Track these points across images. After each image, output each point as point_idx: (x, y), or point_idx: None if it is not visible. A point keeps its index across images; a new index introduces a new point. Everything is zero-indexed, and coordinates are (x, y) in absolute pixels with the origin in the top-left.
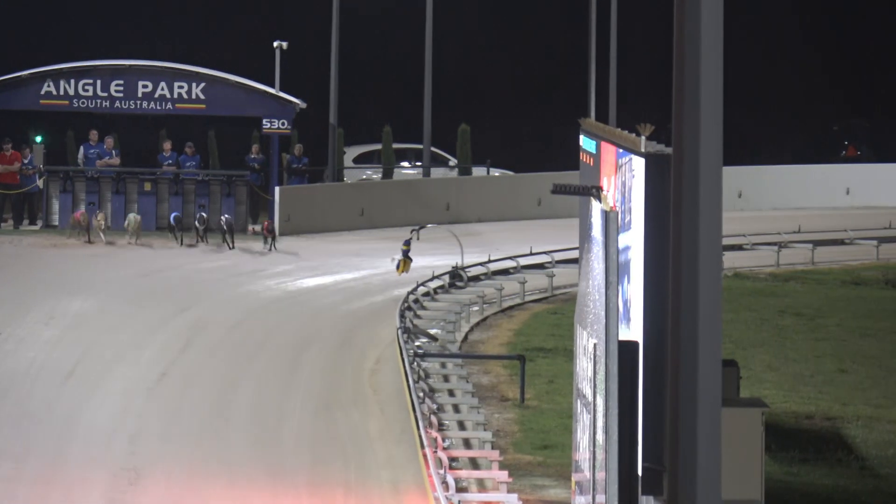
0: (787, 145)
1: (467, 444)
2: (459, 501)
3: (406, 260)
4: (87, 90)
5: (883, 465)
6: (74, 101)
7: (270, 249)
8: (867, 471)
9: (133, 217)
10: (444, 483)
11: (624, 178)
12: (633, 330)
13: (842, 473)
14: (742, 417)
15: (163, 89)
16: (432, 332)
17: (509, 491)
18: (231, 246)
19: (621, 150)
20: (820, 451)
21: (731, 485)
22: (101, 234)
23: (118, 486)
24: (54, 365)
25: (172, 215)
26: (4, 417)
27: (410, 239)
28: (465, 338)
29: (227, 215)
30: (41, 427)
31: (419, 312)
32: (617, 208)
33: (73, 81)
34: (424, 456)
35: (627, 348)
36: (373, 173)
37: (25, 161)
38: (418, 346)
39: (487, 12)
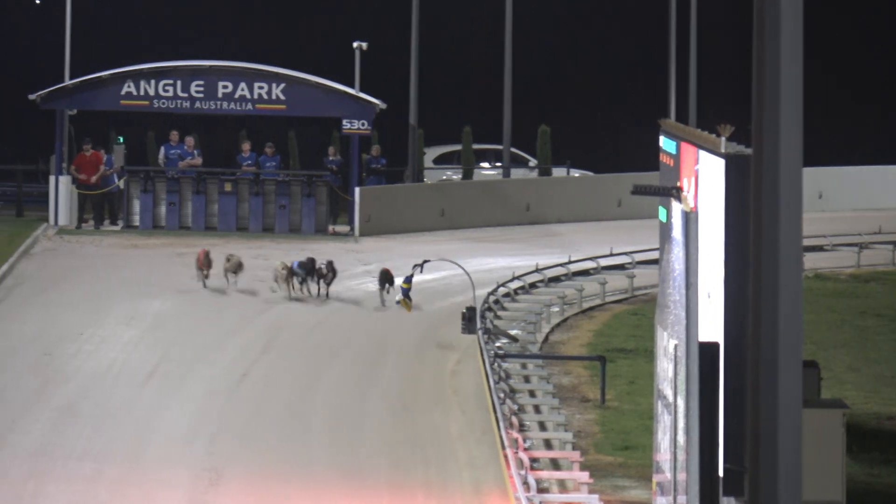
0: (868, 145)
1: (548, 444)
2: (540, 502)
3: (406, 300)
4: (167, 90)
5: None
6: (155, 101)
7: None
8: None
9: (233, 257)
10: (526, 484)
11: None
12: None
13: None
14: (823, 418)
15: (243, 90)
16: (513, 332)
17: (590, 492)
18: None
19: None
20: None
21: (811, 486)
22: (227, 278)
23: (199, 487)
24: (135, 365)
25: (296, 263)
26: (85, 418)
27: (412, 275)
28: (546, 338)
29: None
30: (122, 427)
31: (499, 313)
32: (697, 209)
33: (153, 82)
34: (505, 457)
35: (708, 349)
36: (453, 174)
37: (106, 161)
38: (499, 347)
39: (567, 12)
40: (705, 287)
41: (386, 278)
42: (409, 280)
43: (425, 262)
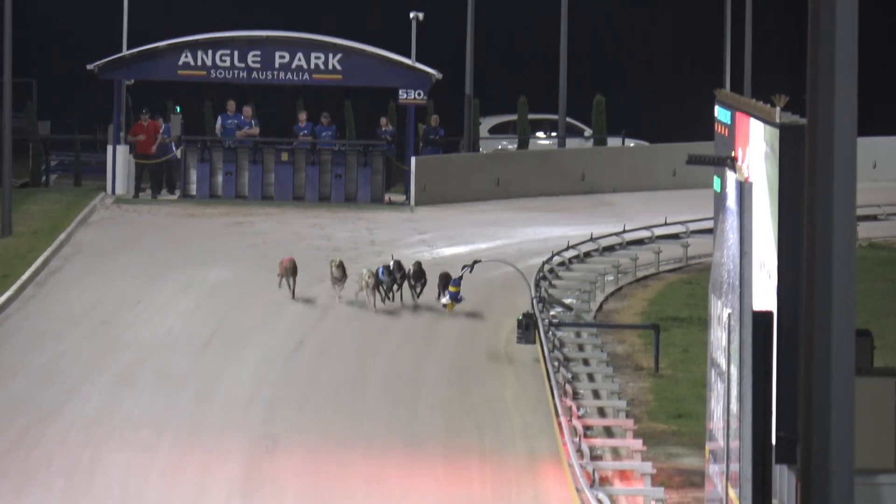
0: None
1: (602, 412)
2: (594, 469)
3: (453, 303)
4: (224, 61)
5: None
6: (212, 71)
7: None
8: None
9: (334, 263)
10: (579, 451)
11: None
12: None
13: None
14: (876, 387)
15: (300, 60)
16: (567, 301)
17: (643, 459)
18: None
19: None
20: None
21: (864, 453)
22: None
23: (255, 454)
24: (192, 333)
25: (381, 269)
26: (143, 385)
27: (461, 277)
28: (600, 307)
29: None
30: (179, 395)
31: (554, 282)
32: (751, 179)
33: (210, 52)
34: (559, 424)
35: (762, 318)
36: (508, 144)
37: (163, 130)
38: (553, 316)
39: None
40: (759, 257)
41: (444, 282)
42: (457, 283)
43: (476, 262)
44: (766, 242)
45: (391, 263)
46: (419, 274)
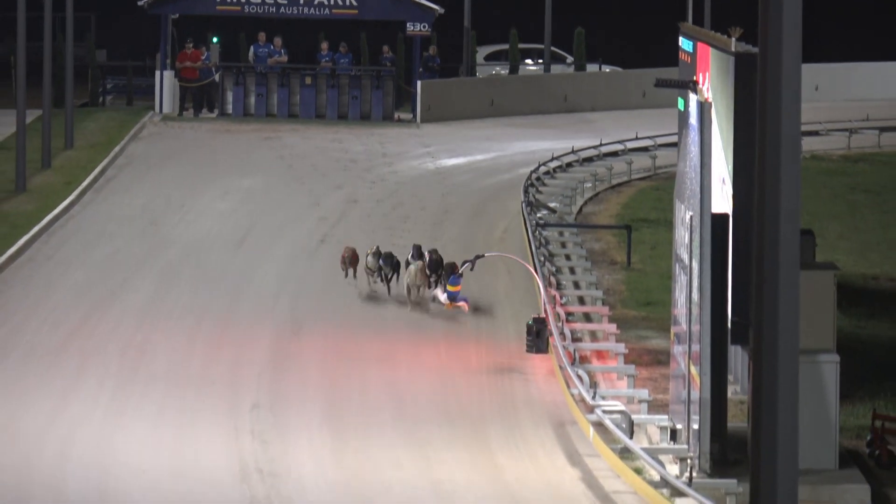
0: (857, 43)
1: (581, 300)
2: (575, 350)
3: (451, 303)
4: None
5: None
6: (245, 7)
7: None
8: None
9: (414, 268)
10: (562, 334)
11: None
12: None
13: None
14: (817, 278)
15: None
16: (552, 205)
17: (617, 341)
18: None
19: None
20: (885, 307)
21: (807, 337)
22: (371, 280)
23: (282, 337)
24: (228, 233)
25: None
26: (186, 279)
27: (461, 275)
28: (580, 210)
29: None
30: (217, 287)
31: (540, 189)
32: (710, 100)
33: None
34: (545, 312)
35: (719, 220)
36: (501, 69)
37: (203, 58)
38: (540, 217)
39: None
40: (716, 167)
41: (448, 272)
42: (457, 281)
43: (479, 257)
44: (722, 154)
45: (413, 251)
46: (436, 264)
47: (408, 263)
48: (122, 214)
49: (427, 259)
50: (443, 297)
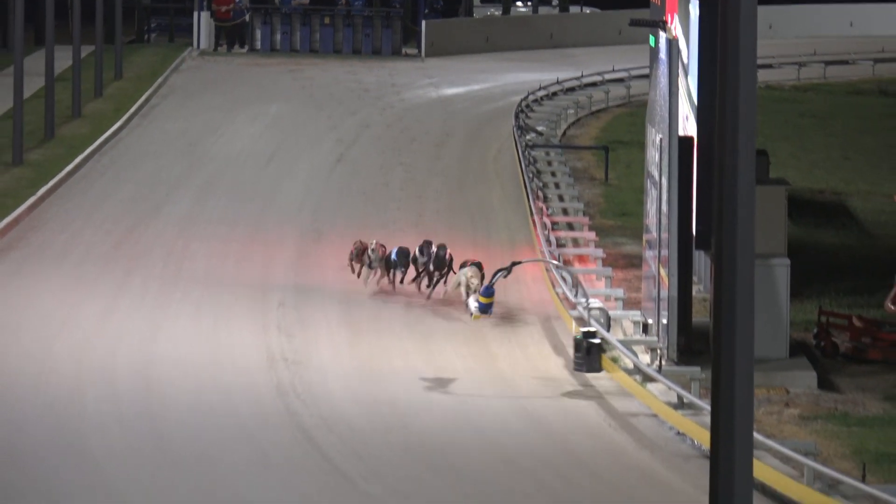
0: None
1: (565, 212)
2: (559, 254)
3: (479, 315)
4: None
5: (875, 228)
6: None
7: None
8: (864, 232)
9: (467, 274)
10: (548, 241)
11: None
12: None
13: (845, 234)
14: (771, 192)
15: None
16: (539, 128)
17: (596, 247)
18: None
19: None
20: (829, 217)
21: (762, 242)
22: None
23: (305, 242)
24: (258, 153)
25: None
26: (222, 192)
27: (492, 285)
28: (564, 133)
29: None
30: (248, 199)
31: (529, 114)
32: (677, 37)
33: None
34: (533, 220)
35: (685, 142)
36: (495, 10)
37: (236, 0)
38: (529, 140)
39: None
40: (682, 110)
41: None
42: (490, 292)
43: (515, 264)
44: (688, 85)
45: (422, 246)
46: (441, 262)
47: (415, 258)
48: (164, 137)
49: (433, 255)
50: (473, 305)
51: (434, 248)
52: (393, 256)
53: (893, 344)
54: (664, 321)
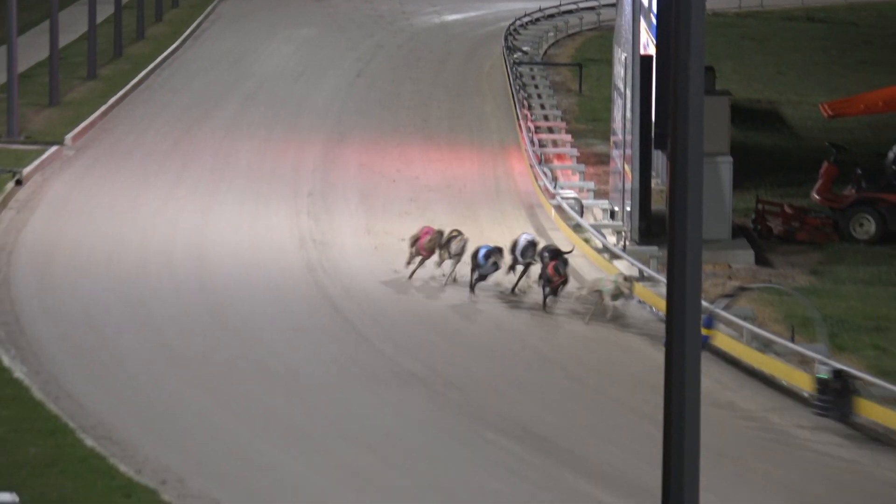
0: None
1: (546, 118)
2: (541, 153)
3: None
4: None
5: (803, 131)
6: None
7: None
8: (794, 134)
9: (623, 279)
10: (532, 142)
11: None
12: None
13: (778, 136)
14: (716, 102)
15: None
16: (524, 48)
17: (571, 147)
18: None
19: None
20: (765, 122)
21: (709, 143)
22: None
23: (330, 143)
24: (291, 68)
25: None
26: (261, 101)
27: (711, 317)
28: (545, 52)
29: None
30: (283, 107)
31: (516, 37)
32: None
33: None
34: (519, 125)
35: (646, 60)
36: None
37: None
38: (515, 58)
39: None
40: (643, 33)
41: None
42: (710, 323)
43: (742, 289)
44: (648, 11)
45: (522, 242)
46: (556, 261)
47: (450, 252)
48: (214, 55)
49: (447, 239)
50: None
51: (453, 235)
52: (481, 258)
53: (818, 227)
54: (628, 209)
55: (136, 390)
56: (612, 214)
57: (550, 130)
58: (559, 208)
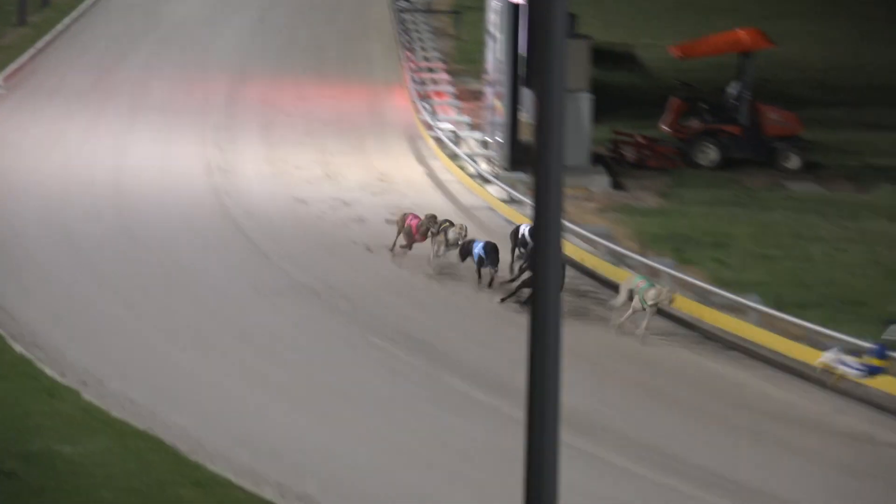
0: None
1: (427, 59)
2: (423, 89)
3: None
4: None
5: (655, 71)
6: None
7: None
8: (646, 74)
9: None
10: (414, 80)
11: None
12: None
13: (633, 76)
14: (577, 45)
15: None
16: None
17: (449, 84)
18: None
19: None
20: (621, 63)
21: (572, 81)
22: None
23: (235, 82)
24: (200, 15)
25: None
26: (172, 44)
27: (885, 345)
28: (428, 1)
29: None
30: (193, 50)
31: None
32: None
33: None
34: (403, 66)
35: (515, 7)
36: None
37: None
38: (400, 6)
39: None
40: None
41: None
42: (883, 353)
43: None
44: None
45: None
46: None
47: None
48: (132, 3)
49: (441, 226)
50: (854, 372)
51: (450, 225)
52: (478, 251)
53: (666, 155)
54: (499, 140)
55: (60, 302)
56: (486, 145)
57: (431, 71)
58: (437, 139)
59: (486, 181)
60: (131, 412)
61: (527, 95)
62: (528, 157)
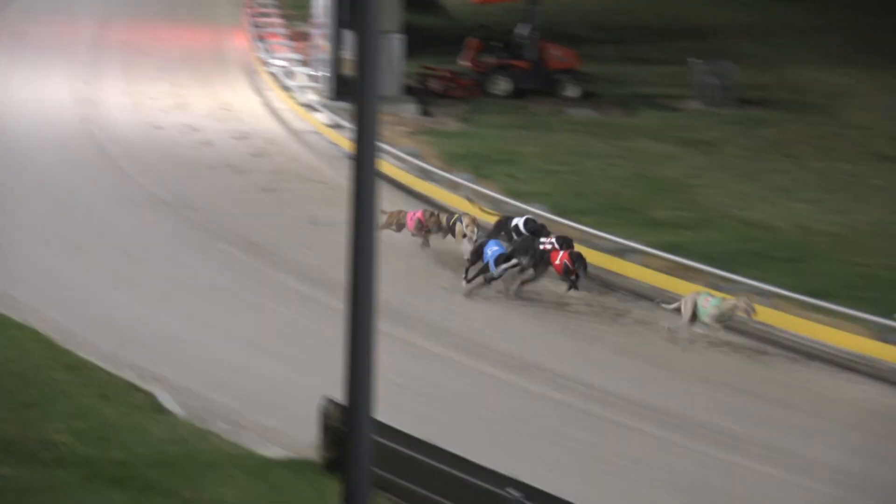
0: None
1: (263, 6)
2: (261, 33)
3: None
4: None
5: (457, 14)
6: None
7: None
8: (449, 17)
9: (729, 304)
10: (252, 24)
11: None
12: None
13: (438, 18)
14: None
15: None
16: None
17: (282, 27)
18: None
19: None
20: (428, 7)
21: (386, 22)
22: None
23: (99, 27)
24: None
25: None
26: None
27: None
28: None
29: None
30: (63, 5)
31: None
32: None
33: None
34: (244, 12)
35: None
36: None
37: None
38: None
39: None
40: None
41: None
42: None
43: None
44: None
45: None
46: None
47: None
48: None
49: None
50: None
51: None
52: (490, 257)
53: (467, 86)
54: (325, 74)
55: None
56: (315, 79)
57: (266, 16)
58: (272, 74)
59: (314, 109)
60: (12, 307)
61: (348, 36)
62: (349, 88)
